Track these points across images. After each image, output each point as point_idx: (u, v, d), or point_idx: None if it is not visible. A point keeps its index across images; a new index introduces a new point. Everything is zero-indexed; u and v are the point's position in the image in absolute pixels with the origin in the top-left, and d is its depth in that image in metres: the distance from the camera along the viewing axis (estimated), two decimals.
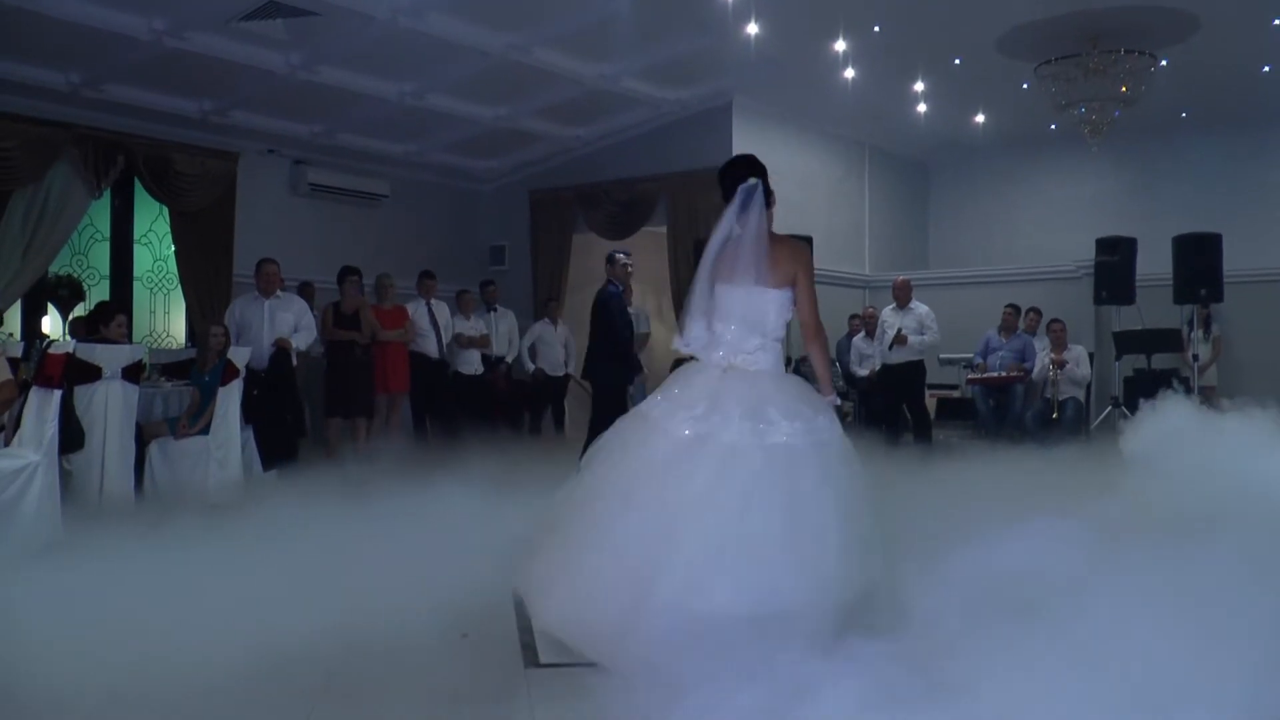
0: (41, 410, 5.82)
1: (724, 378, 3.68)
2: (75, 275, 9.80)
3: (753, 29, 9.21)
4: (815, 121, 12.52)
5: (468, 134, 11.68)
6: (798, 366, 8.87)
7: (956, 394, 11.95)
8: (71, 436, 6.32)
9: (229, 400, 7.51)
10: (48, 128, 9.35)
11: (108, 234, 10.51)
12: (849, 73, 10.33)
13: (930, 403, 12.43)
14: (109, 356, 6.81)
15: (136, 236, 10.70)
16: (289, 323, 8.59)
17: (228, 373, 7.51)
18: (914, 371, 10.27)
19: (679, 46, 9.91)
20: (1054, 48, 9.98)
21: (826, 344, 3.78)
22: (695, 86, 11.18)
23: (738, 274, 3.72)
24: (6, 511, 5.45)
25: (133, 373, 6.95)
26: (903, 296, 10.41)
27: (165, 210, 10.44)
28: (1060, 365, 10.50)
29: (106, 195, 10.14)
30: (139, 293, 10.70)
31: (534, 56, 9.70)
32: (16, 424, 5.86)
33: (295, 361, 8.66)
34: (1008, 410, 10.54)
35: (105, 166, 9.72)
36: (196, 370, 7.88)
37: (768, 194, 3.83)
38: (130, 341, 7.36)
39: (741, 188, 3.74)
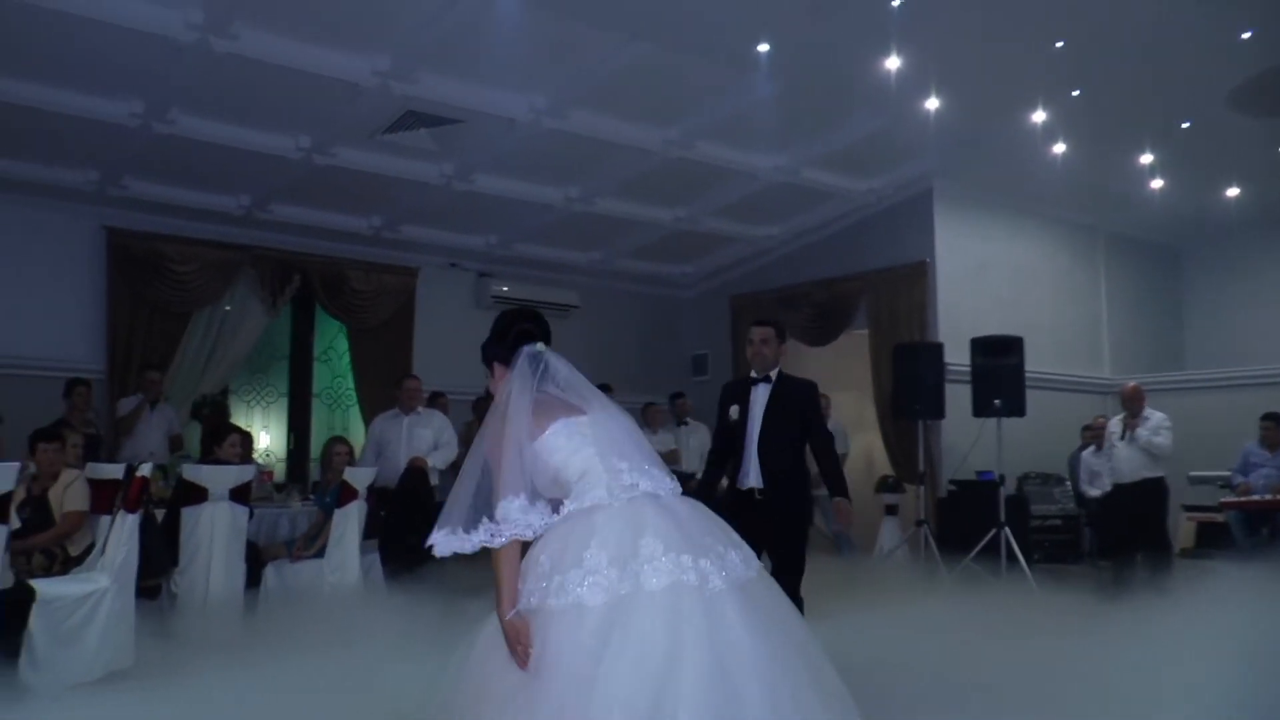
0: (118, 534, 5.66)
1: None
2: (219, 397, 9.91)
3: (933, 104, 8.22)
4: (1031, 204, 11.10)
5: (651, 238, 11.16)
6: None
7: (1221, 518, 9.99)
8: (154, 560, 6.12)
9: (346, 522, 7.11)
10: (225, 250, 9.61)
11: (287, 351, 10.62)
12: (1059, 147, 9.08)
13: (1189, 526, 10.53)
14: (216, 477, 6.70)
15: (316, 353, 10.76)
16: (427, 440, 8.19)
17: (345, 494, 7.13)
18: (1152, 490, 8.54)
19: (853, 130, 8.96)
20: None
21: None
22: (886, 174, 10.18)
23: None
24: (70, 637, 5.26)
25: (241, 493, 6.75)
26: (1134, 405, 8.72)
27: (345, 327, 10.47)
28: None
29: (287, 313, 10.29)
30: (318, 409, 10.71)
31: (697, 151, 9.03)
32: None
33: (436, 480, 8.23)
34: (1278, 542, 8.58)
35: (281, 285, 9.89)
36: (320, 490, 7.60)
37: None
38: (244, 461, 7.13)
39: (527, 351, 3.09)
